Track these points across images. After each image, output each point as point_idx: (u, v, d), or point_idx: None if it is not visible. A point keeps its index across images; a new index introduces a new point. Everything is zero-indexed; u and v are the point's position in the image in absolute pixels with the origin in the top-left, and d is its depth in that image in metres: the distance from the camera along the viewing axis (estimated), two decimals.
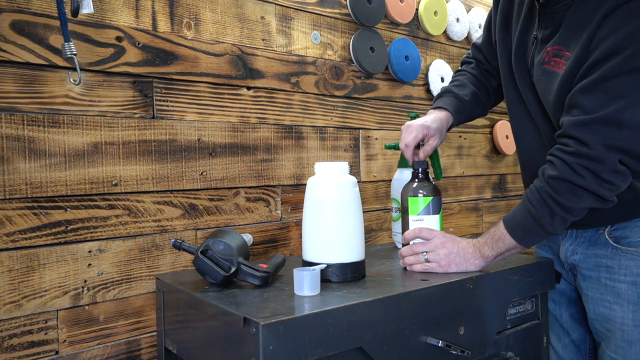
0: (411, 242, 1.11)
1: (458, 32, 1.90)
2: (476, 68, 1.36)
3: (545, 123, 1.09)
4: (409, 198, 1.12)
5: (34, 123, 1.03)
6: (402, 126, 1.23)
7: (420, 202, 1.10)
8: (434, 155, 1.51)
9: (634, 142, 0.93)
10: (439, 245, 1.07)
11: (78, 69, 1.05)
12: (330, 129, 1.53)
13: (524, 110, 1.16)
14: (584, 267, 1.16)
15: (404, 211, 1.14)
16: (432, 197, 1.11)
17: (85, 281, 1.09)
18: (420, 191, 1.11)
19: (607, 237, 1.11)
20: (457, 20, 1.89)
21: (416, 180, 1.13)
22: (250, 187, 1.35)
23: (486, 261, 1.07)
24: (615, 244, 1.10)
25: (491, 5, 1.15)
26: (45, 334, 1.04)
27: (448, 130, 1.27)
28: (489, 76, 1.34)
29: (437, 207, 1.11)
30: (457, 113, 1.27)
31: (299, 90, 1.45)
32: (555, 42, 1.03)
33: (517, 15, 1.15)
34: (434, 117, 1.23)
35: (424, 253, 1.08)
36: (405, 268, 1.12)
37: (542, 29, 1.07)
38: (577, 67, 0.98)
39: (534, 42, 1.10)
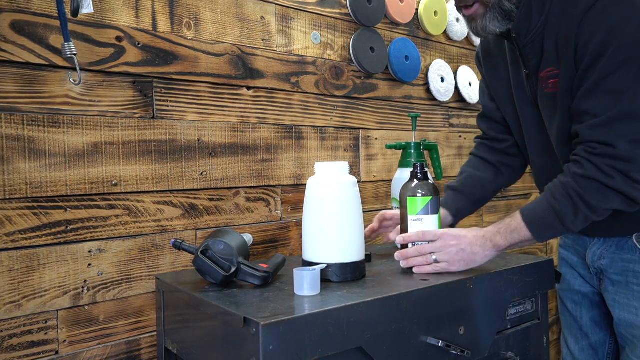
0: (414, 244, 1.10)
1: (458, 32, 1.90)
2: (479, 147, 1.36)
3: (560, 146, 1.09)
4: (408, 198, 1.12)
5: (34, 123, 1.03)
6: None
7: (419, 201, 1.10)
8: (434, 156, 1.51)
9: None
10: (447, 245, 1.04)
11: (78, 69, 1.05)
12: (330, 129, 1.53)
13: (541, 146, 1.17)
14: (612, 272, 1.14)
15: (403, 211, 1.14)
16: (431, 197, 1.10)
17: (85, 281, 1.09)
18: (419, 191, 1.11)
19: (635, 242, 1.09)
20: (457, 20, 1.89)
21: (415, 179, 1.13)
22: (250, 187, 1.35)
23: (498, 251, 1.05)
24: None
25: None
26: (45, 334, 1.04)
27: (461, 218, 1.30)
28: (493, 145, 1.32)
29: (436, 207, 1.11)
30: (457, 211, 1.29)
31: (299, 90, 1.45)
32: (544, 67, 1.05)
33: (505, 66, 1.19)
34: None
35: (432, 254, 1.05)
36: (410, 269, 1.09)
37: (528, 62, 1.09)
38: (568, 80, 1.00)
39: (527, 79, 1.12)
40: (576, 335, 1.26)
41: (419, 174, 1.13)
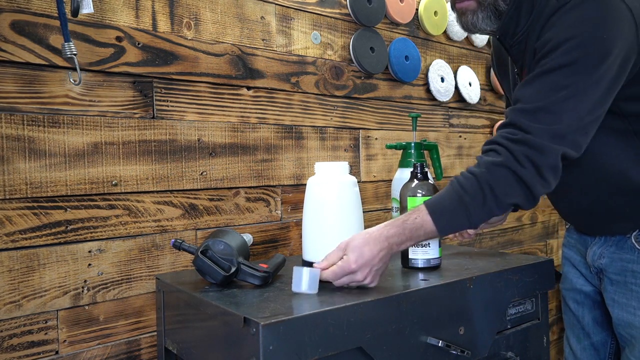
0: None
1: (458, 32, 1.90)
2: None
3: None
4: (408, 198, 1.12)
5: (34, 123, 1.03)
6: None
7: (419, 202, 1.10)
8: (434, 156, 1.51)
9: (575, 133, 0.92)
10: (356, 272, 0.94)
11: (78, 69, 1.05)
12: (330, 129, 1.53)
13: None
14: (610, 272, 1.13)
15: (403, 211, 1.14)
16: (429, 197, 1.10)
17: (85, 281, 1.09)
18: (419, 191, 1.11)
19: (633, 241, 1.09)
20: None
21: (415, 179, 1.13)
22: (250, 187, 1.35)
23: (395, 250, 0.97)
24: None
25: None
26: (45, 334, 1.04)
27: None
28: None
29: None
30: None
31: (299, 90, 1.45)
32: (526, 69, 1.06)
33: (507, 62, 1.21)
34: None
35: (350, 282, 0.96)
36: (415, 267, 1.09)
37: (516, 63, 1.11)
38: None
39: (518, 77, 1.14)
40: (578, 335, 1.26)
41: (419, 174, 1.13)
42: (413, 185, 1.13)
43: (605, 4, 0.92)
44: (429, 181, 1.13)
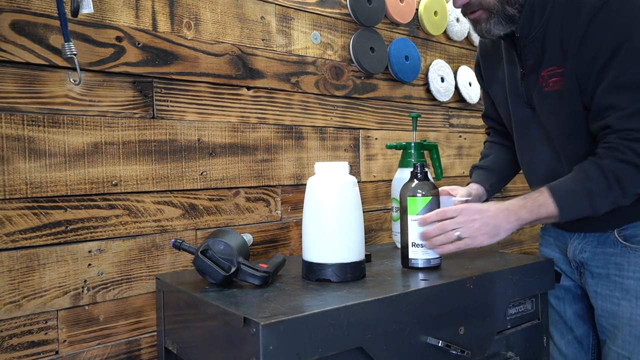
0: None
1: (458, 32, 1.90)
2: (494, 135, 1.41)
3: (564, 142, 1.11)
4: (408, 198, 1.12)
5: (34, 123, 1.03)
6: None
7: (419, 202, 1.10)
8: (434, 156, 1.51)
9: None
10: (468, 219, 1.03)
11: (78, 69, 1.05)
12: (330, 129, 1.53)
13: (535, 144, 1.19)
14: (593, 265, 1.16)
15: (403, 211, 1.14)
16: (431, 197, 1.10)
17: (85, 281, 1.09)
18: (419, 191, 1.11)
19: (616, 236, 1.12)
20: (457, 20, 1.89)
21: (415, 179, 1.13)
22: (250, 187, 1.35)
23: (521, 224, 1.04)
24: (624, 242, 1.11)
25: None
26: (45, 334, 1.04)
27: (494, 194, 1.32)
28: (506, 133, 1.36)
29: (436, 207, 1.11)
30: (490, 186, 1.31)
31: (299, 90, 1.45)
32: (545, 66, 1.08)
33: (501, 66, 1.23)
34: (475, 192, 1.27)
35: (455, 230, 1.03)
36: (414, 267, 1.09)
37: (525, 62, 1.12)
38: (572, 77, 1.03)
39: (522, 78, 1.15)
40: (561, 330, 1.29)
41: (419, 174, 1.13)
42: (413, 185, 1.12)
43: None
44: (429, 181, 1.13)
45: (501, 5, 1.07)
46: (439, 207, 1.12)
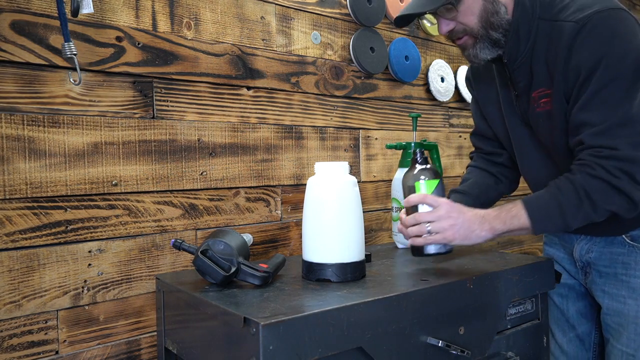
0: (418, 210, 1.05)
1: None
2: (477, 160, 1.40)
3: (563, 158, 1.12)
4: (415, 183, 1.07)
5: (34, 123, 1.03)
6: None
7: (425, 185, 1.06)
8: (434, 156, 1.51)
9: None
10: (444, 215, 1.02)
11: (78, 69, 1.05)
12: (330, 129, 1.53)
13: (536, 161, 1.20)
14: (600, 264, 1.17)
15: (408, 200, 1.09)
16: (438, 180, 1.07)
17: (85, 281, 1.09)
18: (422, 176, 1.07)
19: (624, 237, 1.14)
20: None
21: (417, 165, 1.09)
22: (250, 187, 1.35)
23: (494, 234, 1.04)
24: (632, 242, 1.13)
25: None
26: (45, 334, 1.04)
27: None
28: (490, 158, 1.36)
29: (442, 191, 1.08)
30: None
31: (299, 90, 1.45)
32: (535, 87, 1.11)
33: (494, 87, 1.24)
34: None
35: (428, 224, 1.02)
36: (413, 248, 1.06)
37: (517, 84, 1.14)
38: (560, 98, 1.06)
39: (516, 99, 1.17)
40: (563, 328, 1.30)
41: (419, 159, 1.09)
42: (416, 171, 1.08)
43: (620, 18, 1.00)
44: (431, 166, 1.10)
45: (485, 30, 1.08)
46: (444, 191, 1.09)
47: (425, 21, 1.21)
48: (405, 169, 1.38)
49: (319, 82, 1.50)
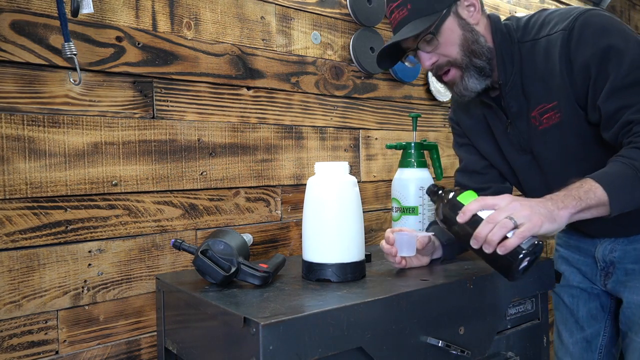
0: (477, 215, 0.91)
1: None
2: None
3: (572, 168, 1.09)
4: (458, 198, 0.96)
5: (34, 123, 1.03)
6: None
7: (470, 195, 0.96)
8: (435, 156, 1.51)
9: None
10: (517, 207, 0.88)
11: (78, 69, 1.05)
12: (330, 129, 1.53)
13: (541, 185, 1.16)
14: (626, 262, 1.17)
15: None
16: (472, 191, 0.99)
17: (85, 281, 1.09)
18: (454, 193, 0.98)
19: None
20: None
21: (441, 193, 1.01)
22: (250, 187, 1.35)
23: (572, 212, 0.89)
24: None
25: (488, 16, 1.18)
26: (45, 334, 1.04)
27: (452, 252, 1.22)
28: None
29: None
30: (447, 241, 1.20)
31: (299, 90, 1.45)
32: (534, 107, 1.10)
33: (483, 120, 1.23)
34: (433, 238, 1.18)
35: (509, 219, 0.86)
36: (504, 269, 0.90)
37: (509, 110, 1.13)
38: (571, 105, 1.04)
39: (509, 127, 1.15)
40: (571, 329, 1.30)
41: (439, 191, 1.03)
42: (448, 197, 0.98)
43: (601, 14, 1.02)
44: (447, 189, 1.03)
45: (469, 59, 1.08)
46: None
47: (407, 63, 1.19)
48: (406, 169, 1.38)
49: (319, 82, 1.50)
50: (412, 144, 1.41)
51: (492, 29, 1.11)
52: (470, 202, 0.93)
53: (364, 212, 1.09)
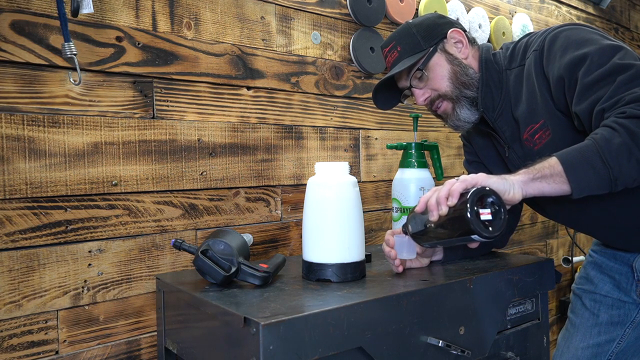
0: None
1: None
2: None
3: None
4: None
5: (34, 123, 1.03)
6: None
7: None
8: (435, 156, 1.51)
9: None
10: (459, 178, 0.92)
11: (78, 69, 1.05)
12: (330, 129, 1.53)
13: (548, 201, 1.15)
14: None
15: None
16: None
17: (85, 281, 1.09)
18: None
19: None
20: (457, 20, 1.89)
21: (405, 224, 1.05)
22: (250, 187, 1.35)
23: (522, 178, 0.92)
24: None
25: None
26: (45, 334, 1.04)
27: (441, 263, 1.22)
28: None
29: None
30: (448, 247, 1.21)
31: (299, 90, 1.45)
32: (523, 129, 1.12)
33: (487, 144, 1.27)
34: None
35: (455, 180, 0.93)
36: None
37: (503, 134, 1.16)
38: (556, 119, 1.06)
39: (509, 151, 1.18)
40: (588, 333, 1.26)
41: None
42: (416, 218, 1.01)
43: (569, 28, 1.06)
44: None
45: (459, 90, 1.14)
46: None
47: (405, 102, 1.26)
48: (406, 169, 1.38)
49: (319, 82, 1.50)
50: (413, 144, 1.41)
51: (479, 60, 1.16)
52: (451, 182, 0.93)
53: (364, 212, 1.09)
